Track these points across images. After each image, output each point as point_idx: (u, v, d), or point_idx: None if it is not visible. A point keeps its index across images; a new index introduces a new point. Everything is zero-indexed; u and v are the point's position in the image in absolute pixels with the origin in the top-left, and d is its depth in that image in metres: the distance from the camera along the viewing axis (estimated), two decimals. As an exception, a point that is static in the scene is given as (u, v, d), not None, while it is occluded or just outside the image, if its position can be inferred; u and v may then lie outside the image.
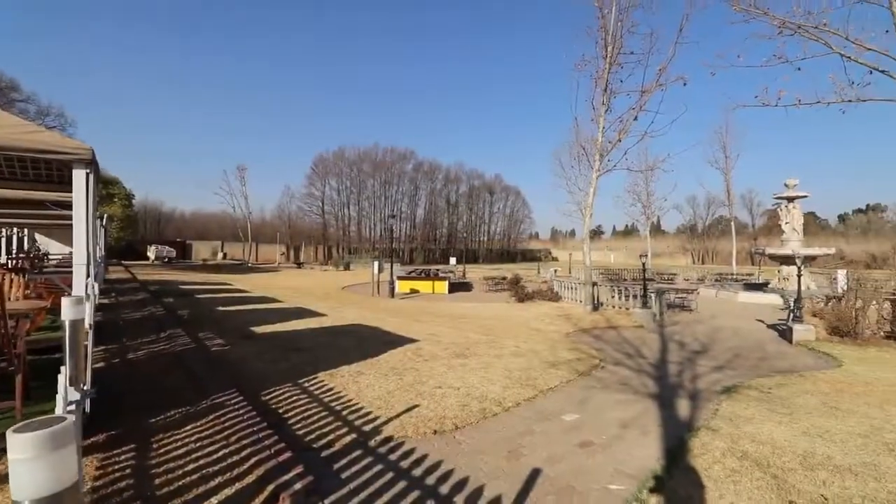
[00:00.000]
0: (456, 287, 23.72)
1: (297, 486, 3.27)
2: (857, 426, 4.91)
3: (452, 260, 35.39)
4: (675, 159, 63.68)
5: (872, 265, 44.42)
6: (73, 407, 3.09)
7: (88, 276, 4.12)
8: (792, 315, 11.02)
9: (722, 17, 12.34)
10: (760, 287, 21.27)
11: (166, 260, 45.17)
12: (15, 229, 15.79)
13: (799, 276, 12.07)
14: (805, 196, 19.71)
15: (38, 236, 17.61)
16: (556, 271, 27.68)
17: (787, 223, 19.89)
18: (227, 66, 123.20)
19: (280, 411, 5.12)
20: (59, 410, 3.19)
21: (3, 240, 15.42)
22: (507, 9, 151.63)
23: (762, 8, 11.61)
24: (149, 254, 45.10)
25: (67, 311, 3.22)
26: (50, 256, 15.86)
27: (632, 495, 3.47)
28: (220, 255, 57.27)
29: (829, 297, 14.05)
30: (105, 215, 18.16)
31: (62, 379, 3.23)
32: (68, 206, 4.46)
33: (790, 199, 19.80)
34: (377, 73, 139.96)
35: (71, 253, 5.15)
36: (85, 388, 3.66)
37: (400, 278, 21.65)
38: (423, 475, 3.77)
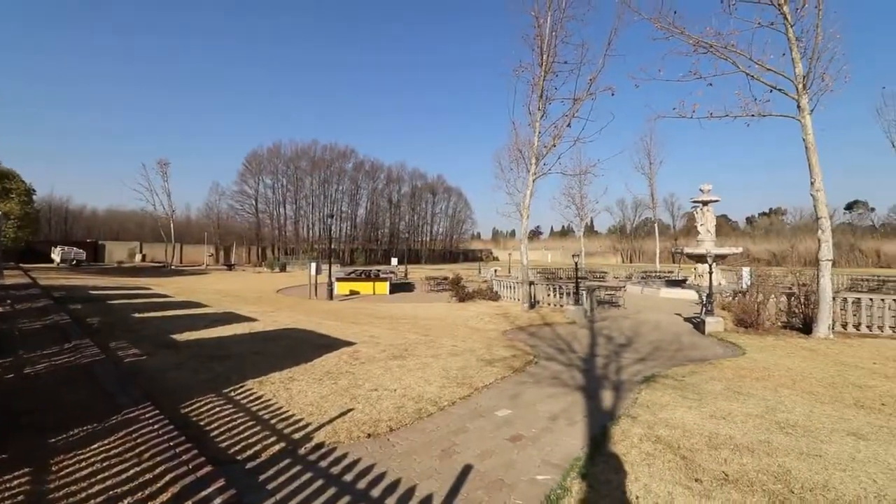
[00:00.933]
0: (397, 288, 23.56)
1: (217, 500, 3.09)
2: (754, 408, 5.48)
3: (394, 260, 35.06)
4: (604, 165, 67.36)
5: (773, 263, 49.65)
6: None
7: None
8: (704, 309, 12.08)
9: (646, 34, 13.24)
10: (680, 283, 23.07)
11: (74, 262, 40.69)
12: None
13: (710, 273, 13.26)
14: (717, 200, 21.67)
15: None
16: (495, 271, 28.32)
17: (701, 225, 21.76)
18: (153, 63, 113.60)
19: (201, 424, 4.81)
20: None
21: None
22: (451, 10, 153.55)
23: (680, 27, 12.80)
24: (53, 256, 40.37)
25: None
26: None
27: (557, 484, 3.63)
28: (138, 256, 52.61)
29: (735, 291, 15.56)
30: (-3, 213, 16.02)
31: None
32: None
33: (704, 203, 21.67)
34: (316, 73, 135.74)
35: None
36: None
37: (339, 280, 21.12)
38: (355, 480, 3.70)
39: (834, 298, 11.16)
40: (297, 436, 4.54)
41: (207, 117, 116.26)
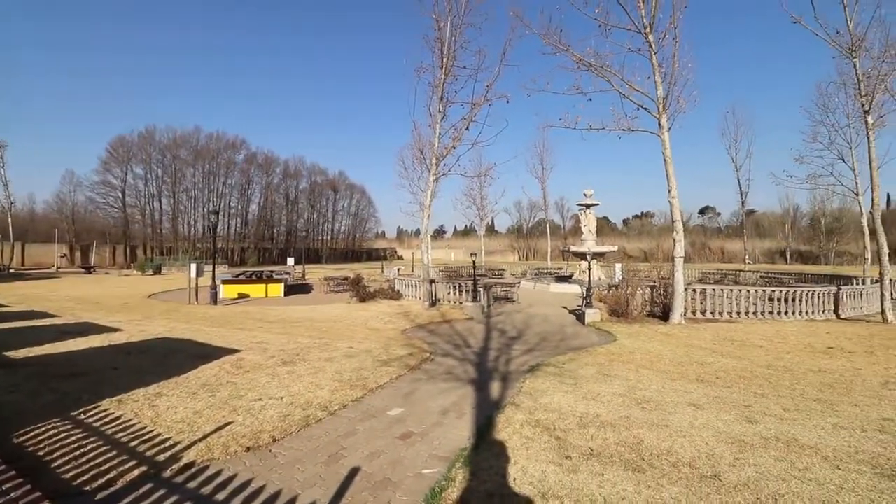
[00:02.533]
0: (294, 289, 22.32)
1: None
2: (619, 388, 6.17)
3: (290, 260, 33.07)
4: (501, 168, 71.04)
5: (644, 259, 56.71)
6: None
7: None
8: (585, 302, 13.35)
9: (536, 48, 14.19)
10: (567, 279, 25.21)
11: None
12: None
13: (589, 269, 14.71)
14: (597, 204, 24.08)
15: None
16: (398, 270, 28.34)
17: (585, 226, 24.04)
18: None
19: (40, 454, 4.09)
20: None
21: None
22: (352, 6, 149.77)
23: (565, 44, 13.95)
24: None
25: None
26: None
27: (442, 475, 3.71)
28: (-38, 258, 42.95)
29: (610, 285, 17.46)
30: None
31: None
32: None
33: (587, 207, 23.97)
34: (194, 56, 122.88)
35: None
36: None
37: (226, 282, 19.37)
38: (229, 497, 3.41)
39: (686, 290, 13.06)
40: (162, 457, 4.05)
41: (59, 98, 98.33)
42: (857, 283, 16.51)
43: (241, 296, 19.08)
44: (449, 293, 17.17)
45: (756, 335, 10.45)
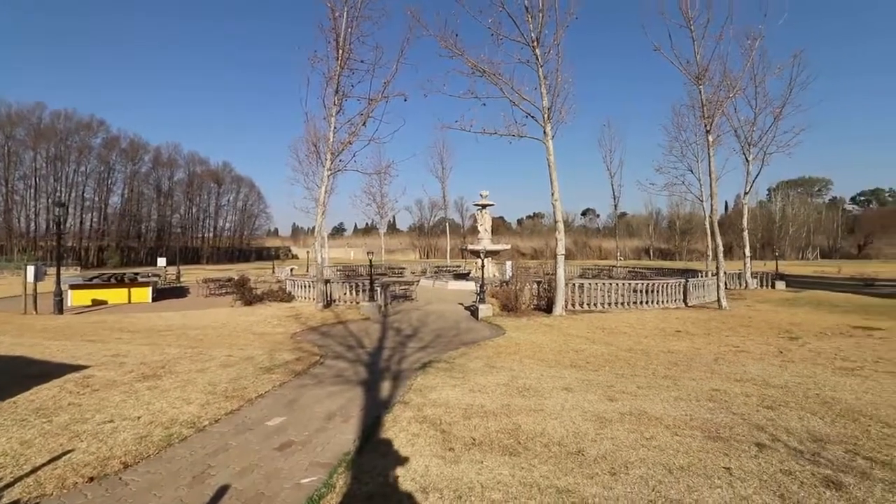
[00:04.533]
0: (165, 294, 19.84)
1: None
2: (503, 378, 6.51)
3: (161, 261, 29.18)
4: (401, 166, 71.39)
5: (535, 257, 61.02)
6: None
7: None
8: (478, 298, 13.90)
9: (434, 50, 14.41)
10: (465, 276, 26.05)
11: None
12: None
13: (483, 266, 15.40)
14: (492, 205, 25.24)
15: None
16: (292, 270, 26.78)
17: (481, 225, 25.07)
18: None
19: None
20: None
21: None
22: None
23: (461, 49, 14.39)
24: None
25: None
26: None
27: (322, 483, 3.55)
28: None
29: (502, 281, 18.45)
30: None
31: None
32: None
33: (483, 207, 25.02)
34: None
35: None
36: None
37: (76, 287, 16.50)
38: (56, 542, 2.87)
39: (567, 284, 14.31)
40: (-34, 503, 3.28)
41: None
42: (702, 276, 19.58)
43: (98, 302, 16.40)
44: (345, 293, 16.68)
45: (623, 323, 11.83)
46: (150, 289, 17.63)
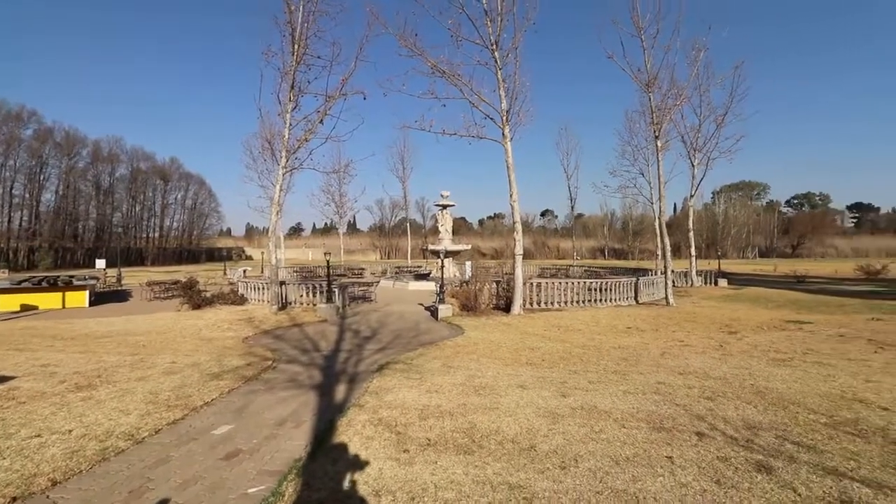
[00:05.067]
0: (104, 298, 18.55)
1: None
2: (460, 378, 6.54)
3: (100, 262, 27.23)
4: (362, 165, 70.28)
5: (496, 257, 61.89)
6: None
7: None
8: (438, 298, 13.90)
9: (393, 48, 14.26)
10: (426, 276, 26.00)
11: None
12: None
13: (442, 266, 15.41)
14: (453, 205, 25.37)
15: None
16: (245, 271, 25.75)
17: (442, 225, 25.13)
18: None
19: None
20: None
21: None
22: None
23: (420, 48, 14.32)
24: None
25: None
26: None
27: (271, 491, 3.43)
28: None
29: (462, 281, 18.55)
30: None
31: None
32: None
33: (444, 207, 25.09)
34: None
35: None
36: None
37: (2, 291, 15.09)
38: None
39: (525, 284, 14.58)
40: None
41: None
42: (652, 275, 20.50)
43: (27, 308, 15.10)
44: (302, 295, 16.23)
45: (578, 321, 12.18)
46: (86, 293, 16.40)
